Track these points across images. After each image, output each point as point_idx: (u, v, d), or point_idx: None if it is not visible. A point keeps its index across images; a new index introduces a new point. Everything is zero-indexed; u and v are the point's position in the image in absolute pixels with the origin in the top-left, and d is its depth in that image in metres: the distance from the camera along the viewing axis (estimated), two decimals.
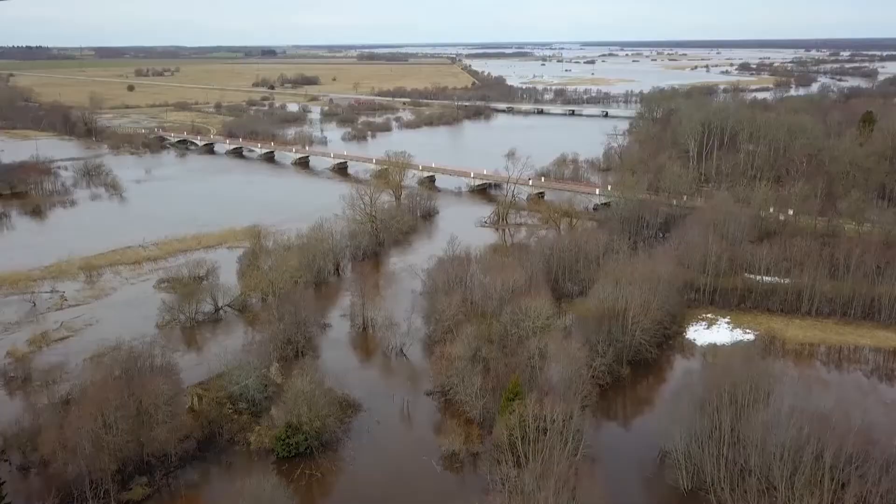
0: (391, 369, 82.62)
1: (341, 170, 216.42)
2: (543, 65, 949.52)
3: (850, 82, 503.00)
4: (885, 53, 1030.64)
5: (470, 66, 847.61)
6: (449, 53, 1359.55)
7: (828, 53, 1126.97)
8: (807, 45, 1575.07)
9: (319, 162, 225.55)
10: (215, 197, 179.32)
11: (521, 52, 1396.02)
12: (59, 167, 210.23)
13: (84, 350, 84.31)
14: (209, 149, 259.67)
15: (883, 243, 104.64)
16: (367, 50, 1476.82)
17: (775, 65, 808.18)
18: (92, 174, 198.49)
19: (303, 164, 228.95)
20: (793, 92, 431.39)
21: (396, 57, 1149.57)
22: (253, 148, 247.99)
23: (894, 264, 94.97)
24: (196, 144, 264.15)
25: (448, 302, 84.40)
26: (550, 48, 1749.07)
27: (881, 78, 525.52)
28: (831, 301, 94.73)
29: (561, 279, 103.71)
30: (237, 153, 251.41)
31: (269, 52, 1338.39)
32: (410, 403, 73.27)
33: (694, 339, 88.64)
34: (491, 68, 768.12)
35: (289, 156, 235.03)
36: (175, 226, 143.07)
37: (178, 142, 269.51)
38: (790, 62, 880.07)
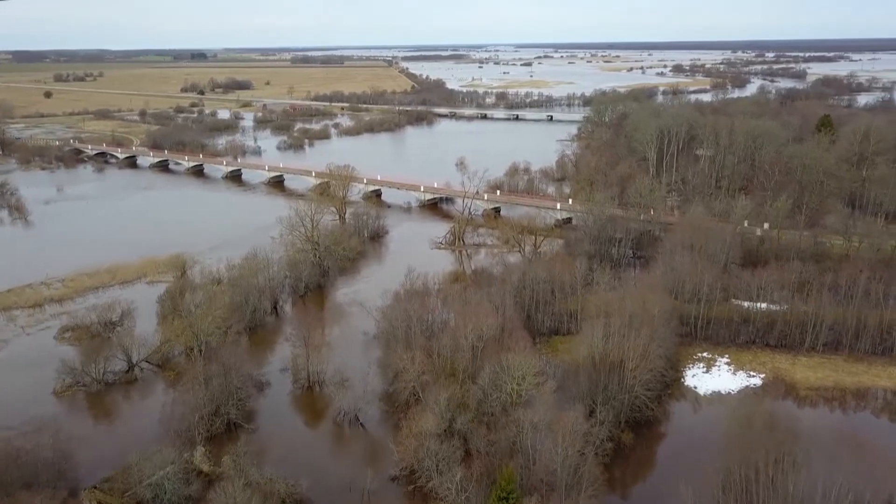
0: (345, 444, 68.13)
1: (277, 183, 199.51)
2: (481, 67, 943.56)
3: (783, 83, 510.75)
4: (807, 55, 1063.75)
5: (407, 68, 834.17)
6: (384, 55, 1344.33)
7: (754, 55, 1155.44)
8: (733, 46, 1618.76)
9: (253, 175, 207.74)
10: (136, 219, 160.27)
11: (456, 55, 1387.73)
12: None
13: None
14: (131, 162, 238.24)
15: (883, 263, 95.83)
16: (300, 52, 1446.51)
17: (707, 66, 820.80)
18: None
19: (235, 177, 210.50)
20: (731, 93, 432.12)
21: (331, 59, 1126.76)
22: (180, 161, 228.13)
23: None
24: (116, 157, 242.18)
25: (410, 357, 70.44)
26: (486, 50, 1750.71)
27: (811, 79, 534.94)
28: (836, 332, 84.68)
29: (534, 314, 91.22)
30: (162, 167, 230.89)
31: (199, 56, 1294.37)
32: (372, 494, 58.85)
33: (695, 387, 77.04)
34: (428, 71, 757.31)
35: (220, 169, 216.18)
36: (87, 255, 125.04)
37: (97, 154, 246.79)
38: (720, 63, 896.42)
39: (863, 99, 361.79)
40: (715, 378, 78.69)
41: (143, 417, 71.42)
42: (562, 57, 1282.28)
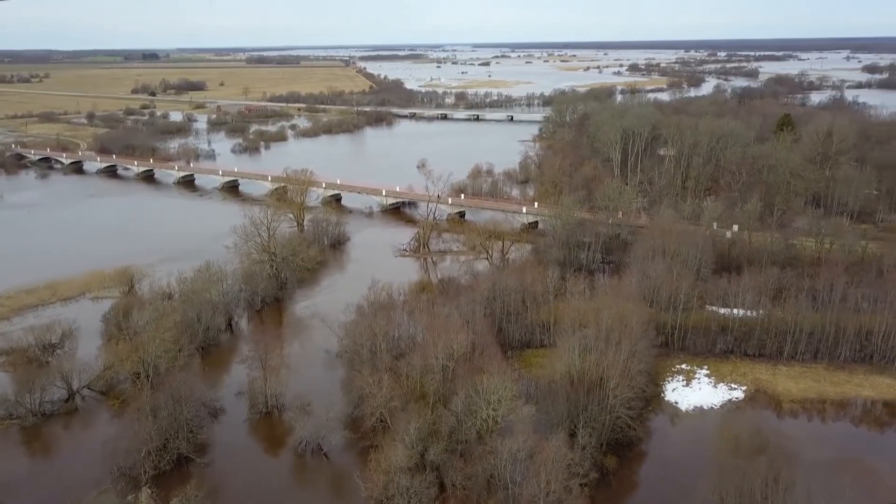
0: (308, 477, 62.86)
1: (232, 189, 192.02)
2: (439, 67, 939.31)
3: (737, 82, 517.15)
4: (757, 54, 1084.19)
5: (365, 68, 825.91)
6: (341, 56, 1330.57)
7: (706, 54, 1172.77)
8: (685, 45, 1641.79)
9: (207, 180, 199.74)
10: (81, 229, 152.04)
11: (414, 55, 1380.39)
12: None
13: None
14: (77, 168, 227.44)
15: (855, 265, 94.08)
16: (256, 52, 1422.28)
17: (662, 65, 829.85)
18: None
19: (188, 183, 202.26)
20: (687, 92, 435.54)
21: (287, 60, 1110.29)
22: (129, 166, 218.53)
23: (884, 295, 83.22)
24: (62, 163, 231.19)
25: (377, 381, 65.52)
26: (443, 50, 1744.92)
27: (764, 77, 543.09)
28: (815, 340, 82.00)
29: (505, 326, 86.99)
30: (111, 172, 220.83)
31: (151, 56, 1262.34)
32: None
33: (676, 402, 73.61)
34: (386, 71, 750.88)
35: (171, 174, 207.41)
36: (27, 270, 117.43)
37: (41, 160, 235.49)
38: (675, 62, 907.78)
39: (816, 97, 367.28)
40: (696, 392, 75.41)
41: (84, 454, 65.20)
42: (519, 56, 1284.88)
